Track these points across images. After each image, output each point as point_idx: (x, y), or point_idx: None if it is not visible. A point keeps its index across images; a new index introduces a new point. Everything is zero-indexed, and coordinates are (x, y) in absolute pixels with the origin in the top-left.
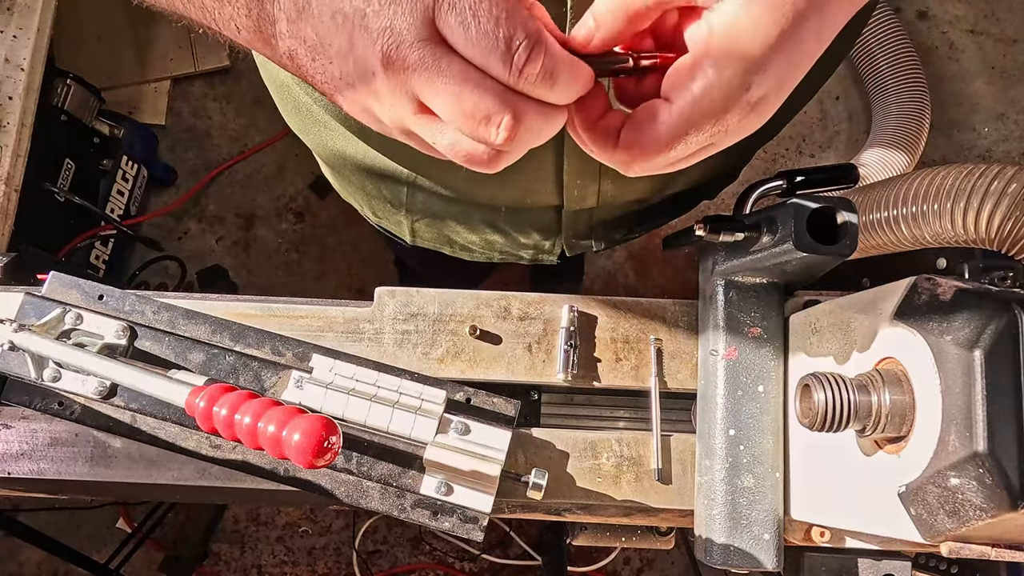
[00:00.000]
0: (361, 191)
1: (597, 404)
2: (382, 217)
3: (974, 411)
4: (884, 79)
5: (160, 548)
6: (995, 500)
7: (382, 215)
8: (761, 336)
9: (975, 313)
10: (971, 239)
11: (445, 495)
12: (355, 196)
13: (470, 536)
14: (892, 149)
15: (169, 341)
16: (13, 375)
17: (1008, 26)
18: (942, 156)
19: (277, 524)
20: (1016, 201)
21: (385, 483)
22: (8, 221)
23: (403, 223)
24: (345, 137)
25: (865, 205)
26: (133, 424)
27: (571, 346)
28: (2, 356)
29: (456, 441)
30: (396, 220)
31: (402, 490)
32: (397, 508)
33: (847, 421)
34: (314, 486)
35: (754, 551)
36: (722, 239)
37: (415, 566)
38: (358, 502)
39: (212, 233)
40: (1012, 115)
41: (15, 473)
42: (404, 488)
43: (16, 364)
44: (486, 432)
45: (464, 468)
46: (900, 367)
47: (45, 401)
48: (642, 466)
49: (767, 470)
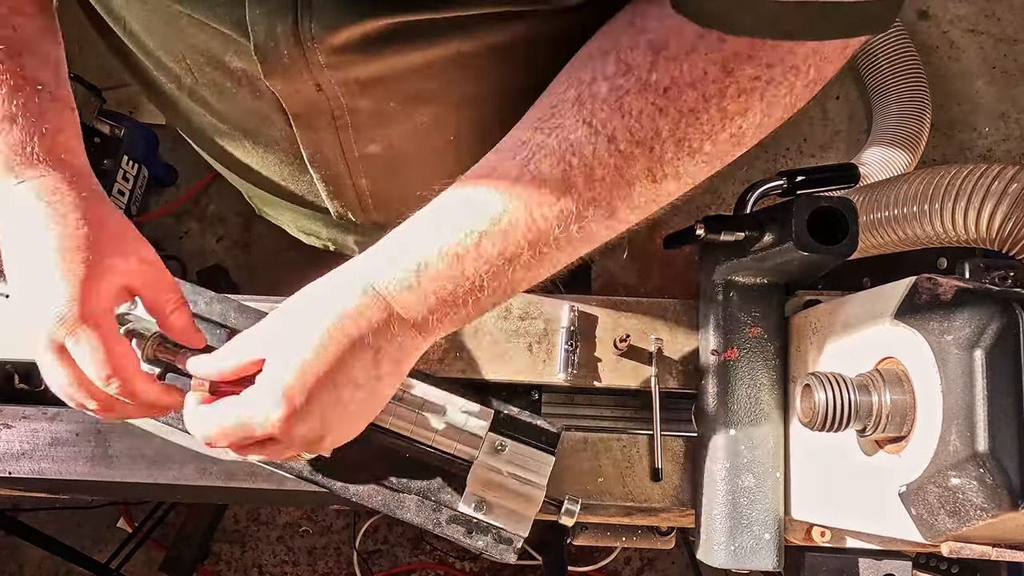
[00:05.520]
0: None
1: (597, 404)
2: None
3: (975, 411)
4: (885, 79)
5: (161, 548)
6: (996, 500)
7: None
8: (761, 336)
9: (976, 313)
10: (971, 239)
11: (482, 514)
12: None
13: (503, 558)
14: (893, 148)
15: (220, 333)
16: None
17: (1009, 26)
18: (943, 156)
19: (278, 524)
20: (1017, 201)
21: (423, 496)
22: None
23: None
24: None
25: (865, 205)
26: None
27: (571, 346)
28: None
29: (499, 461)
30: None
31: (439, 504)
32: (432, 522)
33: (848, 421)
34: (351, 492)
35: (755, 551)
36: (722, 239)
37: (416, 566)
38: (394, 512)
39: (212, 233)
40: (1013, 115)
41: (16, 473)
42: (441, 503)
43: None
44: (529, 454)
45: (505, 489)
46: (901, 367)
47: None
48: (642, 466)
49: (767, 470)
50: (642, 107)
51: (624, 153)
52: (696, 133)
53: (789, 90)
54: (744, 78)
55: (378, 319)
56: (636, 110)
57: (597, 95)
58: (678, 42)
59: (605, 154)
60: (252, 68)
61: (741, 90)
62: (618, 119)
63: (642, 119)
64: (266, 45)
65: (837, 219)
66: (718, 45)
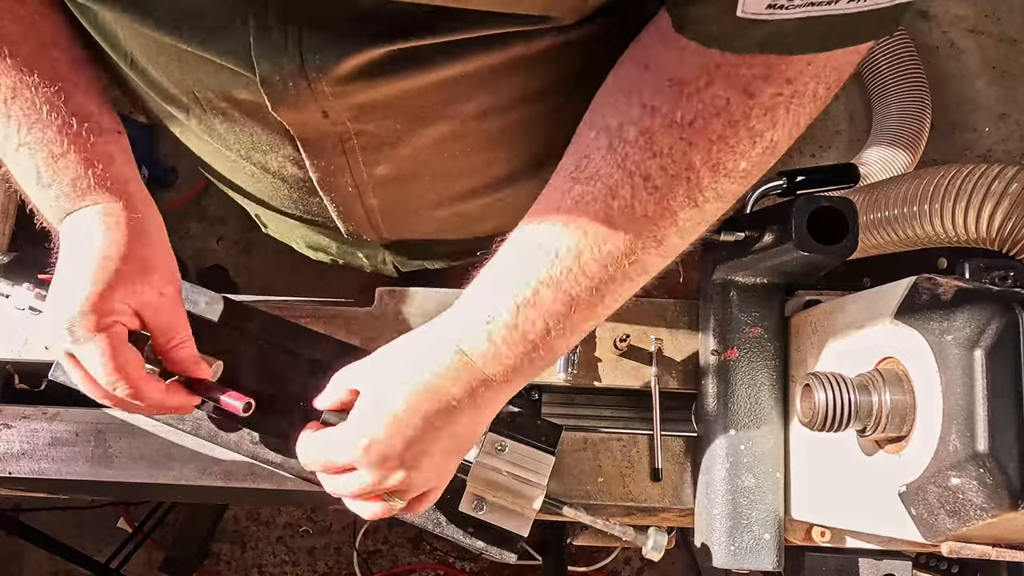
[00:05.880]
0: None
1: (598, 404)
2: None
3: (975, 411)
4: (885, 79)
5: (161, 548)
6: (996, 500)
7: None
8: (761, 336)
9: (976, 313)
10: (971, 239)
11: (482, 514)
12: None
13: (503, 558)
14: (893, 148)
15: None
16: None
17: (1009, 26)
18: (943, 156)
19: (278, 524)
20: (1016, 201)
21: None
22: (9, 221)
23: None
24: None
25: (866, 205)
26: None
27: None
28: None
29: (499, 461)
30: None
31: (439, 504)
32: (432, 522)
33: (848, 421)
34: None
35: (755, 551)
36: (723, 239)
37: (416, 566)
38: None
39: (213, 233)
40: (1013, 115)
41: (16, 473)
42: (441, 503)
43: None
44: (528, 453)
45: (506, 489)
46: (901, 367)
47: None
48: (642, 466)
49: (768, 470)
50: (672, 143)
51: (661, 188)
52: (729, 156)
53: (812, 98)
54: (766, 97)
55: (465, 381)
56: (667, 148)
57: (627, 139)
58: (696, 77)
59: (644, 192)
60: (259, 100)
61: (766, 109)
62: (650, 159)
63: (674, 155)
64: (272, 79)
65: (837, 219)
66: (735, 72)
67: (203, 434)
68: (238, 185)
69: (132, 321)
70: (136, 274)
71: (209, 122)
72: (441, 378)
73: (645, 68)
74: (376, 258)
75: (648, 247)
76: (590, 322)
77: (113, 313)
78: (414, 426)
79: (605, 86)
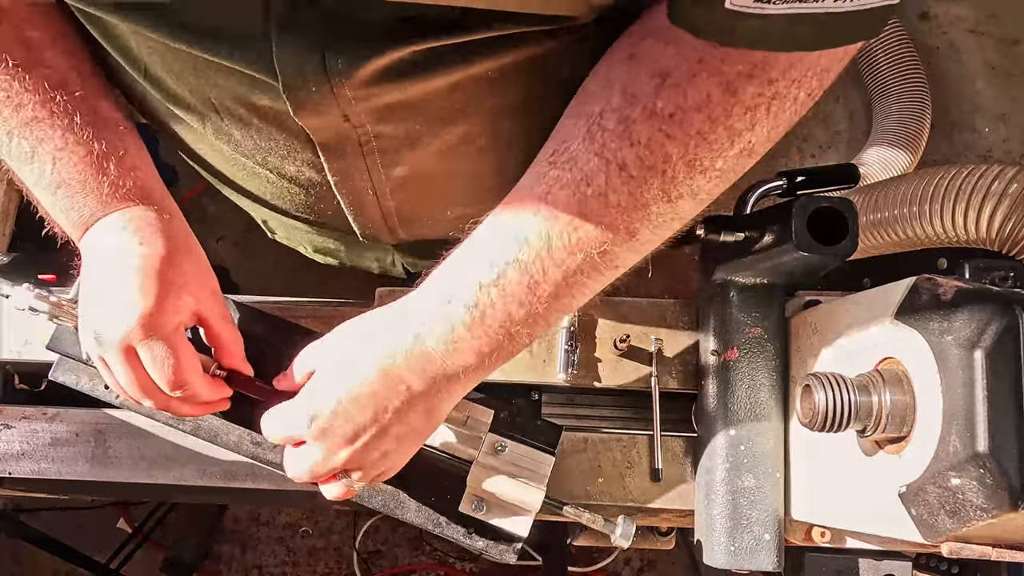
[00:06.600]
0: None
1: (598, 404)
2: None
3: (975, 411)
4: (885, 79)
5: (161, 548)
6: (996, 500)
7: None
8: (761, 336)
9: (976, 313)
10: (971, 239)
11: (482, 514)
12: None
13: (504, 559)
14: (893, 149)
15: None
16: (65, 353)
17: (1009, 26)
18: (943, 156)
19: (278, 524)
20: (1016, 201)
21: (423, 496)
22: (9, 221)
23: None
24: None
25: (866, 205)
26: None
27: (571, 346)
28: (58, 334)
29: (499, 462)
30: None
31: (439, 505)
32: (432, 522)
33: (848, 421)
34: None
35: (755, 551)
36: (723, 239)
37: (416, 566)
38: (394, 512)
39: (213, 233)
40: (1013, 115)
41: (16, 473)
42: (441, 503)
43: (69, 343)
44: (529, 454)
45: (506, 489)
46: (901, 367)
47: (93, 382)
48: (642, 466)
49: (768, 470)
50: (650, 135)
51: (636, 179)
52: (706, 153)
53: (793, 101)
54: (748, 96)
55: (419, 367)
56: (645, 138)
57: (606, 127)
58: (679, 69)
59: (618, 181)
60: (280, 105)
61: (746, 108)
62: (627, 148)
63: (651, 146)
64: (294, 84)
65: (837, 219)
66: (719, 67)
67: (203, 435)
68: (249, 191)
69: (192, 320)
70: (190, 276)
71: (226, 129)
72: (393, 361)
73: (631, 58)
74: (385, 260)
75: (619, 239)
76: (554, 314)
77: (179, 313)
78: (361, 406)
79: (592, 74)
